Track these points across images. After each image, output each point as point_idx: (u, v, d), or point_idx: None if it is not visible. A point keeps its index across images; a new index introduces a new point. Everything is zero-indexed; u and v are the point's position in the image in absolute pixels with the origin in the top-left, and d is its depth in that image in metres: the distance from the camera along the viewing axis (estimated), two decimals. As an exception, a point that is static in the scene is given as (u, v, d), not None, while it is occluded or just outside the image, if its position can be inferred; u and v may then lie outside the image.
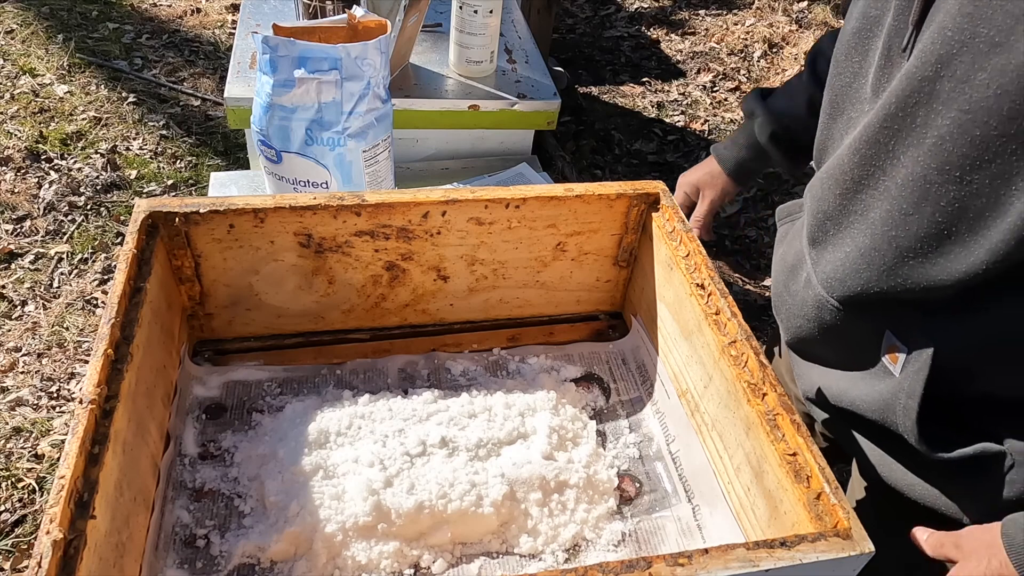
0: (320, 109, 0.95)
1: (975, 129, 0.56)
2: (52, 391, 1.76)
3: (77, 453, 0.54)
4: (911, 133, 0.62)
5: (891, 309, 0.69)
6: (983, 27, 0.55)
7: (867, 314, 0.71)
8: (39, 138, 2.43)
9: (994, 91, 0.55)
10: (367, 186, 1.04)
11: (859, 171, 0.68)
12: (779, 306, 0.83)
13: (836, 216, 0.72)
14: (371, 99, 0.97)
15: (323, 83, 0.93)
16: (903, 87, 0.61)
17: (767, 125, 1.01)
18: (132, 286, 0.69)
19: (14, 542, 1.48)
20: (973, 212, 0.59)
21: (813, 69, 0.97)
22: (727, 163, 1.07)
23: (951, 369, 0.66)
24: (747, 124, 1.05)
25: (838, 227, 0.72)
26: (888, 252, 0.66)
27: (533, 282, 0.90)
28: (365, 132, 0.99)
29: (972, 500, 0.69)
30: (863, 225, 0.68)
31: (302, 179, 1.01)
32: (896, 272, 0.66)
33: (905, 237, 0.64)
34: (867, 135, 0.66)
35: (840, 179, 0.70)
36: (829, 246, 0.73)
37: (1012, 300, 0.61)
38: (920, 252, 0.64)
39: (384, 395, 0.80)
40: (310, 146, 0.98)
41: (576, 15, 3.59)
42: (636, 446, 0.82)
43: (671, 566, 0.52)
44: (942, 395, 0.67)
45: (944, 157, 0.59)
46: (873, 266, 0.67)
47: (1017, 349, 0.64)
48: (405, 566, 0.68)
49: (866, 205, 0.68)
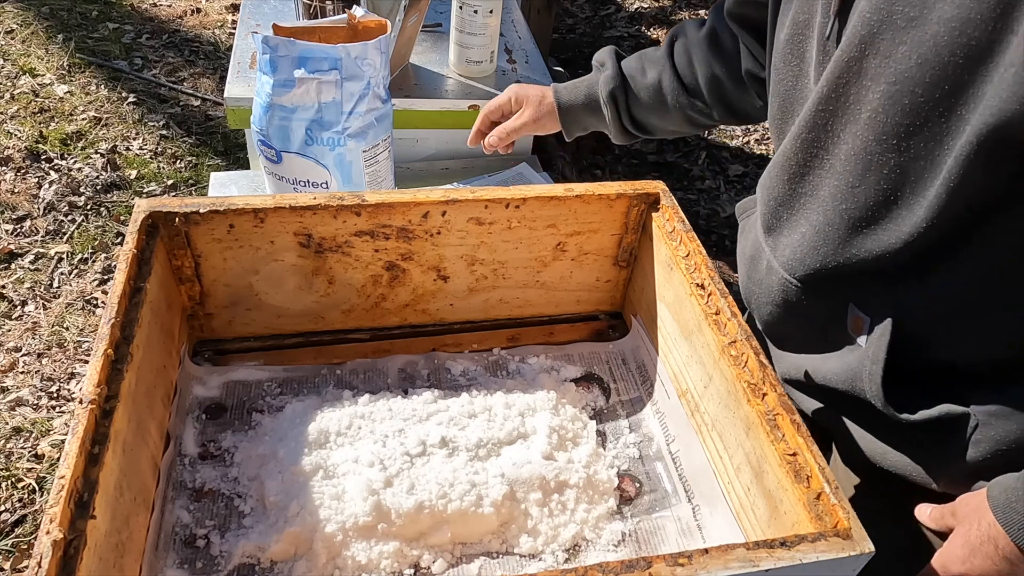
0: (320, 109, 0.95)
1: (904, 98, 0.60)
2: (52, 391, 1.76)
3: (77, 453, 0.54)
4: (846, 111, 0.66)
5: (851, 282, 0.71)
6: (899, 5, 0.59)
7: (829, 288, 0.73)
8: (39, 138, 2.43)
9: (916, 61, 0.59)
10: (367, 186, 1.04)
11: (803, 155, 0.71)
12: (748, 297, 0.85)
13: (787, 201, 0.75)
14: (371, 99, 0.97)
15: (323, 83, 0.93)
16: (833, 70, 0.65)
17: (611, 80, 1.01)
18: (132, 286, 0.69)
19: (14, 542, 1.48)
20: (914, 175, 0.63)
21: (671, 48, 0.99)
22: (561, 99, 1.06)
23: (912, 336, 0.68)
24: (592, 74, 1.06)
25: (790, 211, 0.75)
26: (841, 225, 0.69)
27: (533, 282, 0.90)
28: (365, 132, 0.99)
29: (940, 464, 0.71)
30: (814, 204, 0.71)
31: (302, 179, 1.01)
32: (850, 243, 0.69)
33: (855, 208, 0.67)
34: (806, 120, 0.69)
35: (786, 166, 0.73)
36: (784, 230, 0.76)
37: (961, 265, 0.64)
38: (870, 220, 0.67)
39: (384, 395, 0.80)
40: (310, 146, 0.98)
41: (576, 15, 3.59)
42: (636, 446, 0.82)
43: (671, 566, 0.52)
44: (906, 362, 0.70)
45: (880, 128, 0.63)
46: (828, 241, 0.70)
47: (971, 316, 0.66)
48: (405, 566, 0.68)
49: (814, 185, 0.71)
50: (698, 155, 2.76)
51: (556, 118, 1.07)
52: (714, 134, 2.91)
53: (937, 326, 0.68)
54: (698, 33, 0.98)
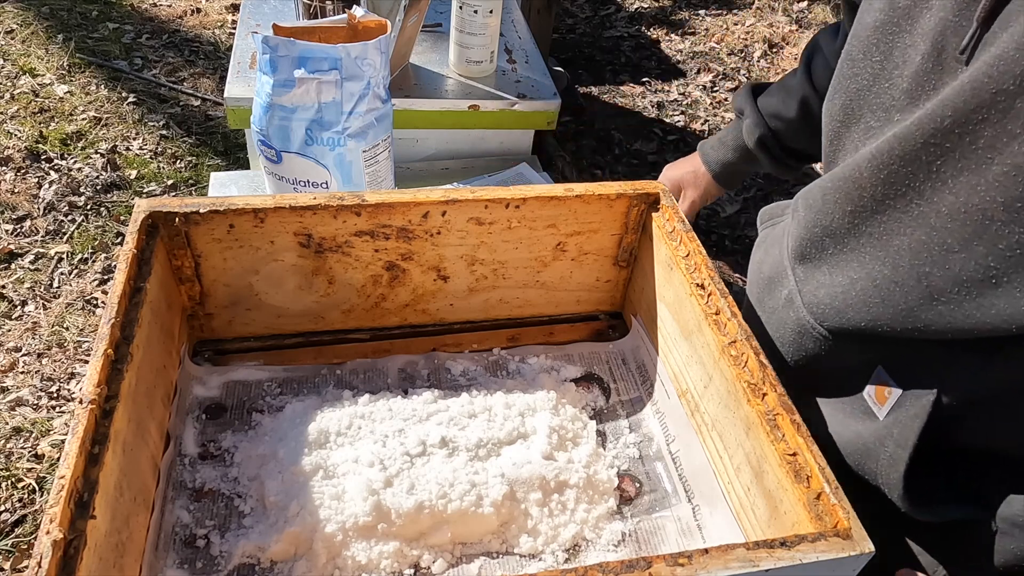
0: (320, 109, 0.95)
1: None
2: (52, 391, 1.76)
3: (77, 453, 0.54)
4: (970, 155, 0.52)
5: (892, 344, 0.60)
6: None
7: (861, 347, 0.62)
8: (39, 138, 2.43)
9: None
10: (367, 186, 1.04)
11: (883, 189, 0.58)
12: (749, 320, 0.74)
13: (840, 235, 0.63)
14: (371, 99, 0.97)
15: (323, 83, 0.93)
16: (965, 99, 0.51)
17: (755, 128, 0.96)
18: (132, 286, 0.69)
19: (14, 542, 1.48)
20: None
21: (808, 68, 0.90)
22: (712, 165, 1.02)
23: (947, 417, 0.58)
24: (735, 124, 1.00)
25: (841, 247, 0.63)
26: (914, 290, 0.57)
27: (533, 282, 0.90)
28: (365, 132, 0.99)
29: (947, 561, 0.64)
30: (880, 252, 0.59)
31: (302, 179, 1.01)
32: (917, 314, 0.57)
33: (941, 277, 0.55)
34: (901, 150, 0.56)
35: (853, 194, 0.61)
36: (824, 267, 0.65)
37: None
38: (957, 296, 0.54)
39: (384, 395, 0.80)
40: (310, 146, 0.98)
41: (576, 15, 3.59)
42: (636, 446, 0.82)
43: (671, 566, 0.52)
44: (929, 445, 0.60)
45: (1017, 192, 0.49)
46: (888, 303, 0.58)
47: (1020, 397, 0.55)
48: (405, 566, 0.68)
49: (888, 230, 0.59)
50: (698, 155, 2.76)
51: (714, 183, 1.02)
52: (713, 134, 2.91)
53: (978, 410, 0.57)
54: (835, 43, 0.86)
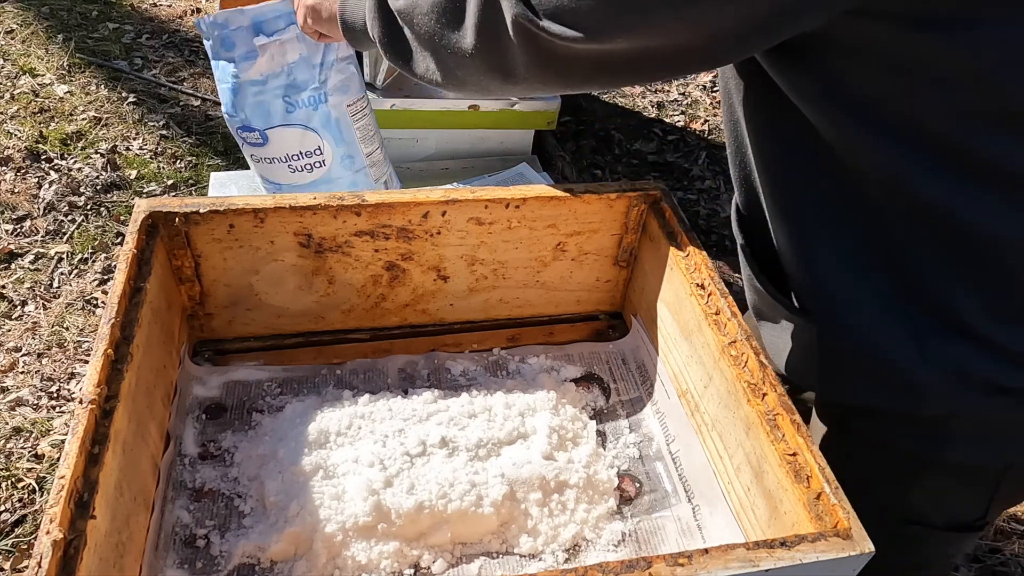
0: (290, 71, 0.91)
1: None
2: (52, 391, 1.76)
3: (77, 453, 0.54)
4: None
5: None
6: None
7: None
8: (39, 138, 2.43)
9: None
10: (359, 141, 1.00)
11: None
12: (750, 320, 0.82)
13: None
14: (341, 47, 0.93)
15: (285, 42, 0.90)
16: None
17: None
18: (132, 286, 0.69)
19: (14, 542, 1.48)
20: None
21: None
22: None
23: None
24: None
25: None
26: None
27: (533, 282, 0.90)
28: (347, 85, 0.95)
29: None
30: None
31: (293, 152, 0.97)
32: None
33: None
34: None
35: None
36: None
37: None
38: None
39: (384, 395, 0.80)
40: (292, 113, 0.94)
41: (576, 15, 3.58)
42: (636, 446, 0.82)
43: (671, 566, 0.52)
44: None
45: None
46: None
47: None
48: (405, 566, 0.68)
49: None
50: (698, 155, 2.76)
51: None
52: (714, 134, 2.91)
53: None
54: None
